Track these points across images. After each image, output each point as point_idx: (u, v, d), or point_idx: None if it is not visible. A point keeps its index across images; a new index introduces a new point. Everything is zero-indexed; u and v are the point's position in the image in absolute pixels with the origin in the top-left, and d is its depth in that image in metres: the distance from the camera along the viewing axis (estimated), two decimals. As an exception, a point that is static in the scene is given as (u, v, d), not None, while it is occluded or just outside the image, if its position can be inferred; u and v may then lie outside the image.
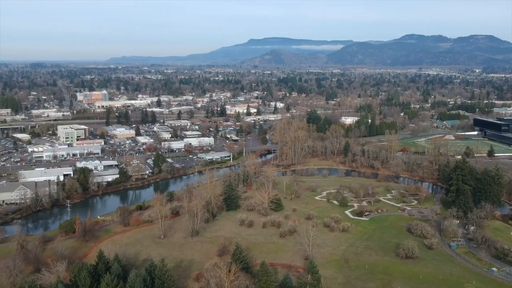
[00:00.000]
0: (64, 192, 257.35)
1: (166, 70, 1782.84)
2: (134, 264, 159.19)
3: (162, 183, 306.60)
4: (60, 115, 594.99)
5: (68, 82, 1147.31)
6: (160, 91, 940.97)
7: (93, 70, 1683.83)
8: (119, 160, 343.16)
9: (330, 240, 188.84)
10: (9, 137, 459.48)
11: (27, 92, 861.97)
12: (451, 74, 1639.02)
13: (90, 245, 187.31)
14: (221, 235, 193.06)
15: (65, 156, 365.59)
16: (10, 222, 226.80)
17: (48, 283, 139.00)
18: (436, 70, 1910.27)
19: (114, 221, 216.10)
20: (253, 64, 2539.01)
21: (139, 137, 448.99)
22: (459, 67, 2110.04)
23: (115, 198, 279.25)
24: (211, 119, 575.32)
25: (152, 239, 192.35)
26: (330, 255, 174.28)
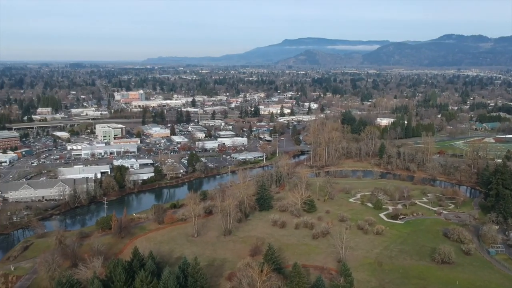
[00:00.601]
0: (101, 189, 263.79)
1: (201, 71, 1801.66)
2: (167, 261, 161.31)
3: (195, 182, 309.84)
4: (98, 114, 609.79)
5: (106, 82, 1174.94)
6: (195, 91, 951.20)
7: (130, 70, 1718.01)
8: (154, 159, 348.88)
9: (363, 243, 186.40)
10: (50, 135, 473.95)
11: (67, 91, 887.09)
12: (491, 75, 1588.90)
13: (125, 241, 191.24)
14: (254, 235, 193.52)
15: (102, 154, 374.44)
16: (50, 218, 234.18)
17: (84, 278, 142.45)
18: (476, 71, 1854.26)
19: (149, 218, 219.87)
20: (287, 65, 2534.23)
21: (174, 137, 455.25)
22: (501, 67, 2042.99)
23: (150, 196, 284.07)
24: (245, 119, 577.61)
25: (185, 237, 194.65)
26: (364, 258, 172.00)
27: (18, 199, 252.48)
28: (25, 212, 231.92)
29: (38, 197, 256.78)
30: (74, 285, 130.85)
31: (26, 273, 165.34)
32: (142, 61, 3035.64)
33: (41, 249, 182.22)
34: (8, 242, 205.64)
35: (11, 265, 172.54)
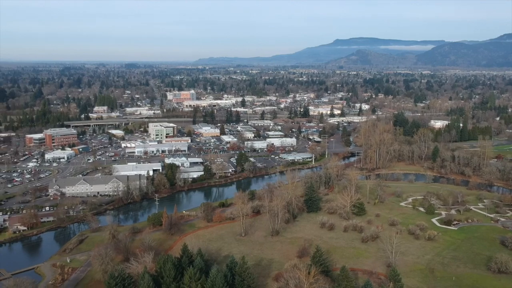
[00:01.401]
0: (153, 186, 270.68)
1: (251, 71, 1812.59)
2: (215, 259, 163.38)
3: (244, 182, 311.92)
4: (151, 113, 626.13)
5: (159, 82, 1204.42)
6: (245, 91, 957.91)
7: (182, 71, 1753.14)
8: (204, 158, 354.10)
9: (414, 248, 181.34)
10: (105, 133, 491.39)
11: (122, 91, 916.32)
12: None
13: (175, 238, 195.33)
14: (301, 237, 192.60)
15: (154, 152, 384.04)
16: (104, 213, 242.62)
17: (135, 272, 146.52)
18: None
19: (198, 216, 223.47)
20: (338, 65, 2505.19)
21: (224, 136, 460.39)
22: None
23: (200, 194, 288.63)
24: (294, 119, 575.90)
25: (233, 236, 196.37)
26: (414, 264, 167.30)
27: (75, 194, 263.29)
28: (81, 206, 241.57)
29: (93, 193, 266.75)
30: (125, 279, 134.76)
31: (81, 265, 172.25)
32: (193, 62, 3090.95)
33: (95, 242, 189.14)
34: (65, 235, 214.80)
35: (67, 257, 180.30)
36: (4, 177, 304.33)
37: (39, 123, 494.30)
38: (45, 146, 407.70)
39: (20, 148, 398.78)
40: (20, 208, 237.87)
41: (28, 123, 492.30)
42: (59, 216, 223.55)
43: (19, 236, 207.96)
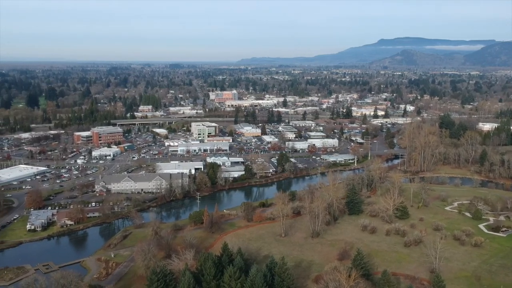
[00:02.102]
0: (195, 185, 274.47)
1: (293, 71, 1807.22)
2: (255, 259, 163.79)
3: (284, 182, 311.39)
4: (194, 113, 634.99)
5: (202, 82, 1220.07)
6: (287, 92, 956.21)
7: (225, 71, 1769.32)
8: (245, 158, 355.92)
9: (459, 255, 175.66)
10: (149, 131, 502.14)
11: (166, 90, 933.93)
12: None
13: (215, 236, 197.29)
14: (342, 239, 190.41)
15: (196, 151, 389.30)
16: (147, 210, 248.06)
17: (177, 269, 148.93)
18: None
19: (239, 215, 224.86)
20: (382, 65, 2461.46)
21: (265, 136, 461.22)
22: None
23: (240, 193, 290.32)
24: (336, 120, 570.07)
25: (273, 236, 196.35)
26: (459, 271, 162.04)
27: (120, 190, 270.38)
28: (126, 203, 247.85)
29: (137, 190, 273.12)
30: (167, 275, 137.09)
31: (125, 261, 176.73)
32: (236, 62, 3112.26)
33: (138, 238, 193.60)
34: (110, 230, 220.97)
35: (111, 252, 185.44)
36: (53, 173, 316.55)
37: (87, 121, 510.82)
38: (92, 143, 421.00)
39: (68, 145, 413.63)
40: (67, 203, 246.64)
41: (77, 121, 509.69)
42: (104, 212, 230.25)
43: (66, 230, 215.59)
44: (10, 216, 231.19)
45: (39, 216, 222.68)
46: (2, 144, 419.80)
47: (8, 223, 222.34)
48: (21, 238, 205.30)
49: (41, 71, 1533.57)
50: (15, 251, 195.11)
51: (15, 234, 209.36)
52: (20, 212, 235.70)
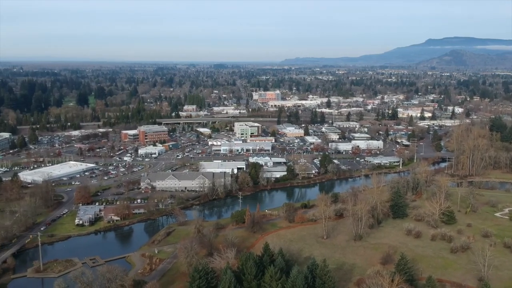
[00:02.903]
0: (237, 184, 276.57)
1: (338, 71, 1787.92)
2: (296, 260, 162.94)
3: (327, 184, 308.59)
4: (237, 113, 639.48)
5: (245, 82, 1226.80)
6: (330, 92, 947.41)
7: (268, 71, 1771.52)
8: (287, 158, 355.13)
9: (510, 263, 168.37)
10: (194, 130, 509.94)
11: (210, 90, 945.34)
12: None
13: (257, 236, 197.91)
14: (386, 243, 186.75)
15: (239, 151, 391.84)
16: (190, 207, 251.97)
17: (218, 267, 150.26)
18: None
19: (280, 216, 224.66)
20: (430, 66, 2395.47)
21: (307, 137, 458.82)
22: None
23: (282, 194, 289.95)
24: (381, 122, 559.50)
25: (315, 238, 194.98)
26: (510, 280, 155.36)
27: (164, 188, 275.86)
28: (170, 200, 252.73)
29: (181, 188, 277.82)
30: (209, 273, 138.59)
31: (168, 257, 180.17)
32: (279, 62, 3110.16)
33: (181, 236, 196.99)
34: (154, 227, 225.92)
35: (155, 248, 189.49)
36: (101, 170, 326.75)
37: (133, 120, 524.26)
38: (138, 141, 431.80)
39: (116, 143, 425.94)
40: (114, 200, 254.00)
41: (124, 120, 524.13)
42: (149, 209, 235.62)
43: (112, 225, 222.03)
44: (60, 210, 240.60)
45: (87, 212, 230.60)
46: (53, 141, 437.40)
47: (58, 217, 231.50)
48: (69, 232, 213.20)
49: (91, 71, 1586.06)
50: (64, 244, 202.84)
51: (64, 228, 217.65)
52: (69, 207, 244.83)
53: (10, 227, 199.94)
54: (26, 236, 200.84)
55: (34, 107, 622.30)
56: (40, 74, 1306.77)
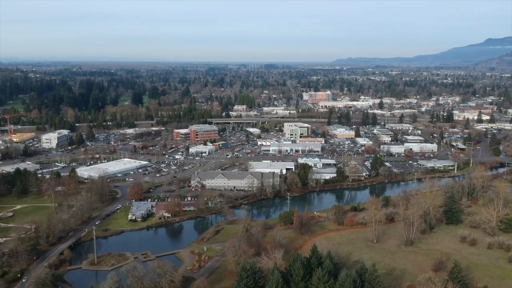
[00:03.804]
0: (286, 185, 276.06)
1: (391, 72, 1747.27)
2: (345, 263, 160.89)
3: (378, 187, 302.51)
4: (286, 113, 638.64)
5: (296, 82, 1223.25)
6: (383, 93, 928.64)
7: (319, 71, 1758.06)
8: (337, 160, 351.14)
9: None
10: (243, 130, 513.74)
11: (260, 90, 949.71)
12: None
13: (305, 238, 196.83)
14: (438, 249, 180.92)
15: (288, 152, 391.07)
16: (239, 207, 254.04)
17: (266, 267, 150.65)
18: None
19: (329, 218, 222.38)
20: (489, 66, 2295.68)
21: (358, 139, 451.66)
22: None
23: (331, 196, 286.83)
24: (436, 124, 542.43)
25: (364, 242, 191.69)
26: None
27: (214, 187, 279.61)
28: (219, 199, 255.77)
29: (230, 187, 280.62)
30: (256, 273, 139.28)
31: (216, 255, 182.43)
32: (331, 62, 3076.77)
33: (230, 234, 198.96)
34: (203, 225, 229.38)
35: (204, 246, 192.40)
36: (153, 167, 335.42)
37: (185, 119, 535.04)
38: (189, 140, 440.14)
39: (168, 141, 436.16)
40: (166, 197, 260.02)
41: (176, 119, 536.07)
42: (199, 207, 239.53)
43: (163, 222, 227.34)
44: (114, 206, 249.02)
45: (139, 208, 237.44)
46: (109, 139, 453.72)
47: (112, 212, 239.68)
48: (123, 227, 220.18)
49: (145, 71, 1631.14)
50: (117, 238, 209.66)
51: (118, 223, 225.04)
52: (123, 203, 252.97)
53: (67, 221, 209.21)
54: (82, 230, 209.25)
55: (92, 105, 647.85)
56: (97, 73, 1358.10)
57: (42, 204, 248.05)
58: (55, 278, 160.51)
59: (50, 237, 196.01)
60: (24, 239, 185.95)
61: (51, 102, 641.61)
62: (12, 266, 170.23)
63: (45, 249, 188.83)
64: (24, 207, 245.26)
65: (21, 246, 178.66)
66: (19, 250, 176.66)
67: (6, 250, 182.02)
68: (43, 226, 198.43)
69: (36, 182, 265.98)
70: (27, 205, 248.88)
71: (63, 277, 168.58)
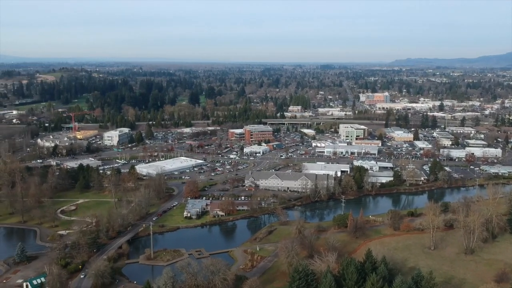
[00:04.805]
0: (340, 187, 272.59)
1: (452, 73, 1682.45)
2: (400, 270, 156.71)
3: (437, 192, 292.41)
4: (342, 114, 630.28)
5: (352, 83, 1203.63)
6: (444, 95, 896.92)
7: (377, 72, 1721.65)
8: (394, 163, 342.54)
9: None
10: (298, 131, 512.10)
11: (315, 91, 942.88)
12: None
13: (359, 242, 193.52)
14: (501, 259, 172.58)
15: (343, 154, 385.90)
16: (292, 208, 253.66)
17: (318, 270, 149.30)
18: None
19: (385, 223, 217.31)
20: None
21: (417, 142, 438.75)
22: None
23: (387, 200, 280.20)
24: (500, 128, 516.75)
25: (421, 248, 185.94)
26: None
27: (267, 187, 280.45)
28: (272, 199, 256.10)
29: (283, 187, 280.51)
30: (308, 275, 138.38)
31: (269, 255, 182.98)
32: (389, 63, 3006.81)
33: (282, 235, 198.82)
34: (256, 224, 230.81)
35: (257, 246, 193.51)
36: (209, 166, 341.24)
37: (240, 119, 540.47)
38: (244, 140, 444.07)
39: (223, 141, 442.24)
40: (220, 195, 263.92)
41: (231, 119, 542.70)
42: (252, 206, 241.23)
43: (217, 220, 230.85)
44: (171, 203, 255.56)
45: (195, 205, 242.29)
46: (167, 137, 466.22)
47: (169, 209, 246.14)
48: (178, 223, 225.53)
49: (202, 71, 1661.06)
50: (172, 235, 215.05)
51: (173, 219, 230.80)
52: (179, 200, 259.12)
53: (126, 216, 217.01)
54: (140, 225, 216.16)
55: (151, 105, 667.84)
56: (157, 74, 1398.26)
57: (103, 199, 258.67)
58: (113, 271, 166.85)
59: (109, 231, 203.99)
60: (86, 232, 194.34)
61: (113, 101, 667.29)
62: (74, 257, 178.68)
63: (104, 243, 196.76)
64: (86, 201, 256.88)
65: (83, 239, 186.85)
66: (81, 242, 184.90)
67: (69, 242, 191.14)
68: (104, 220, 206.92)
69: (97, 177, 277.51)
70: (89, 199, 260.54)
71: (121, 270, 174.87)
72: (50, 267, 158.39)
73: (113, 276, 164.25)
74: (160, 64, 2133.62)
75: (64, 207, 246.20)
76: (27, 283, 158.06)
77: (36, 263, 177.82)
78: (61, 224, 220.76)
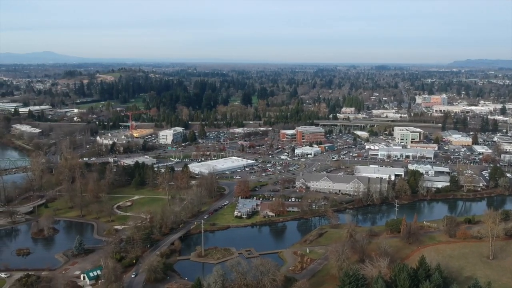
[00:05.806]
0: (394, 192, 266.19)
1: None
2: (455, 278, 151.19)
3: (497, 199, 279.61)
4: (397, 117, 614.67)
5: (408, 85, 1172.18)
6: (506, 98, 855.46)
7: (434, 73, 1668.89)
8: (451, 168, 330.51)
9: None
10: (350, 133, 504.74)
11: (370, 92, 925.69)
12: None
13: (412, 248, 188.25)
14: None
15: (398, 157, 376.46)
16: (343, 211, 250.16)
17: (369, 275, 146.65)
18: None
19: (440, 229, 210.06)
20: None
21: (476, 146, 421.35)
22: None
23: (443, 206, 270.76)
24: None
25: (479, 257, 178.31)
26: None
27: (318, 189, 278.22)
28: (323, 202, 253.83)
29: (334, 190, 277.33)
30: (359, 280, 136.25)
31: (319, 258, 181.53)
32: (448, 64, 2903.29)
33: (333, 238, 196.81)
34: (306, 226, 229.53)
35: (307, 248, 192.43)
36: (259, 166, 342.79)
37: (292, 120, 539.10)
38: (295, 141, 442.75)
39: (274, 141, 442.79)
40: (270, 196, 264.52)
41: (283, 120, 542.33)
42: (302, 208, 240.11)
43: (267, 220, 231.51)
44: (222, 202, 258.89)
45: (245, 205, 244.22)
46: (219, 137, 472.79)
47: (220, 208, 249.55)
48: (229, 222, 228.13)
49: (255, 72, 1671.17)
50: (223, 233, 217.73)
51: (224, 218, 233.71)
52: (229, 199, 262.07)
53: (179, 213, 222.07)
54: (192, 223, 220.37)
55: (204, 105, 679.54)
56: (210, 74, 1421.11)
57: (157, 196, 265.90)
58: (165, 267, 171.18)
59: (163, 228, 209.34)
60: (140, 227, 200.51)
61: (168, 101, 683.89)
62: (129, 252, 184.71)
63: (158, 239, 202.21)
64: (141, 198, 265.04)
65: (137, 234, 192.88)
66: (135, 237, 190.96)
67: (124, 236, 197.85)
68: (157, 216, 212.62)
69: (152, 175, 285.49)
70: (144, 196, 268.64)
71: (173, 266, 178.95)
72: (106, 261, 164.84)
73: (165, 272, 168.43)
74: (213, 65, 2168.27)
75: (120, 203, 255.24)
76: (84, 274, 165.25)
77: (92, 256, 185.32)
78: (117, 219, 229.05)
